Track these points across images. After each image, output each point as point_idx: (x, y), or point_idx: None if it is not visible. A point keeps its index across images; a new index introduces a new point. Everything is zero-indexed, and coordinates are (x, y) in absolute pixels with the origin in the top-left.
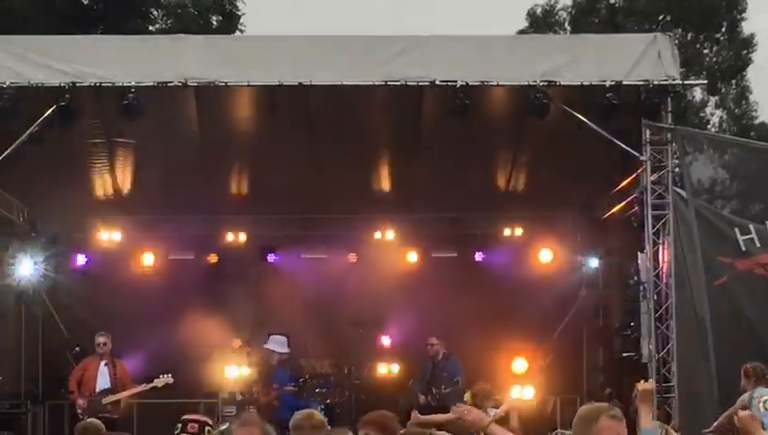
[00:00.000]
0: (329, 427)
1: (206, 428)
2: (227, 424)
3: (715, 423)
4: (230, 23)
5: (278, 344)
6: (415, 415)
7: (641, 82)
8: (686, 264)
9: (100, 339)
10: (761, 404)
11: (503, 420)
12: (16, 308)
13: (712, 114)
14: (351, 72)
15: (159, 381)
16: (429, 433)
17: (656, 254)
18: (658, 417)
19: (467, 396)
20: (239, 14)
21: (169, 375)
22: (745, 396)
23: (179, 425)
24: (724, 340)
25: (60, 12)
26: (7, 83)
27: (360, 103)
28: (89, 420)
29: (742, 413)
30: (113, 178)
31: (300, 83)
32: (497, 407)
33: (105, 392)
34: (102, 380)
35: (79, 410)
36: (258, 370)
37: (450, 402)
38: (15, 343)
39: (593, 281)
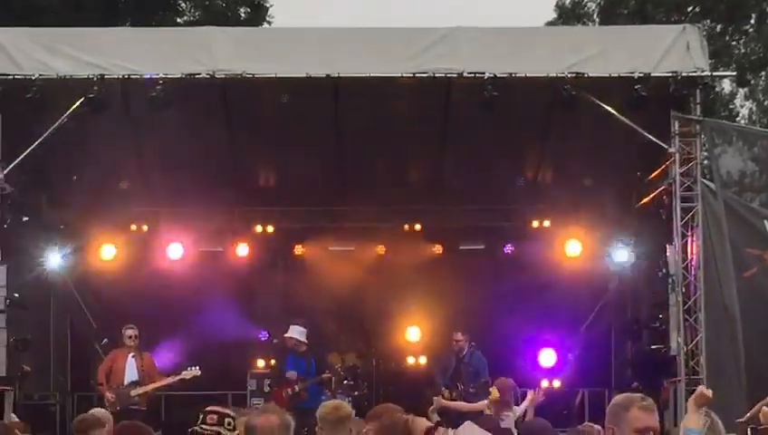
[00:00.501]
0: (356, 418)
1: (227, 419)
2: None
3: (749, 414)
4: (258, 15)
5: (299, 334)
6: (439, 399)
7: (670, 74)
8: (714, 256)
9: (130, 332)
10: None
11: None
12: (45, 300)
13: (741, 106)
14: (379, 63)
15: (187, 374)
16: (406, 419)
17: (684, 246)
18: (686, 410)
19: (493, 392)
20: (267, 5)
21: (197, 368)
22: None
23: (200, 416)
24: (754, 332)
25: (89, 5)
26: (36, 75)
27: (388, 95)
28: (89, 412)
29: (766, 409)
30: (141, 170)
31: (327, 75)
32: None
33: (133, 384)
34: (130, 372)
35: (107, 402)
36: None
37: (476, 400)
38: (44, 334)
39: (621, 273)
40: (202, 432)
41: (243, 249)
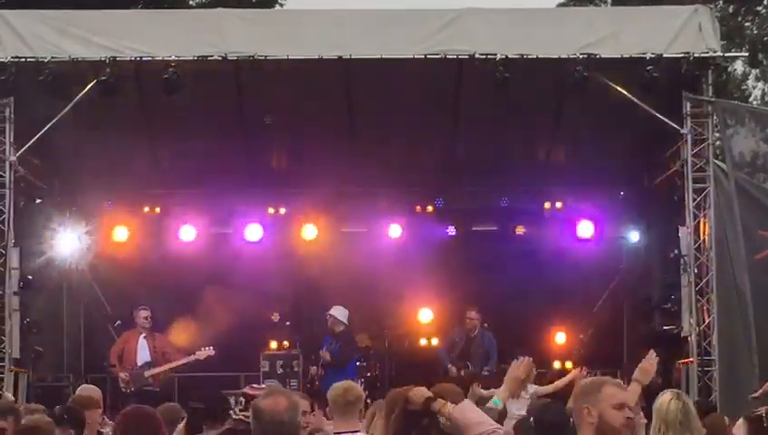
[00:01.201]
0: (368, 401)
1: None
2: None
3: (761, 390)
4: None
5: (341, 314)
6: (474, 387)
7: (682, 55)
8: (726, 237)
9: (144, 313)
10: None
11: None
12: (58, 282)
13: (754, 87)
14: (391, 45)
15: (201, 354)
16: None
17: (696, 227)
18: (699, 390)
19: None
20: None
21: (211, 348)
22: None
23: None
24: (765, 312)
25: None
26: (48, 58)
27: (400, 77)
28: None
29: None
30: (154, 151)
31: (340, 57)
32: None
33: (146, 365)
34: (143, 353)
35: (122, 384)
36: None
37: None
38: (58, 316)
39: (634, 254)
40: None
41: (255, 231)
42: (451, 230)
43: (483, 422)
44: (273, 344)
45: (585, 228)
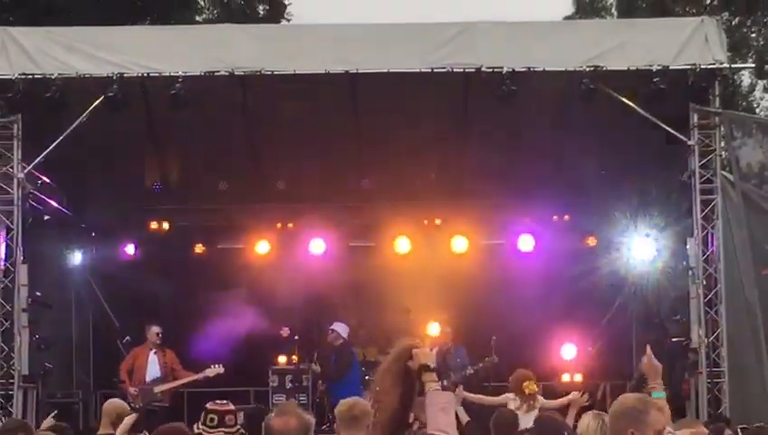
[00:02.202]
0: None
1: (227, 416)
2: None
3: None
4: (276, 12)
5: (342, 329)
6: (460, 390)
7: (688, 67)
8: (734, 248)
9: (156, 329)
10: None
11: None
12: (67, 299)
13: (761, 98)
14: (397, 59)
15: (211, 371)
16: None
17: (705, 239)
18: (709, 402)
19: (530, 385)
20: (286, 2)
21: (220, 365)
22: None
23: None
24: None
25: (107, 4)
26: (56, 75)
27: (406, 91)
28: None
29: None
30: (161, 168)
31: (346, 71)
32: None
33: (156, 381)
34: (152, 369)
35: (131, 399)
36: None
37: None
38: (67, 333)
39: (642, 266)
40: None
41: (263, 246)
42: (459, 243)
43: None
44: (282, 359)
45: (592, 240)
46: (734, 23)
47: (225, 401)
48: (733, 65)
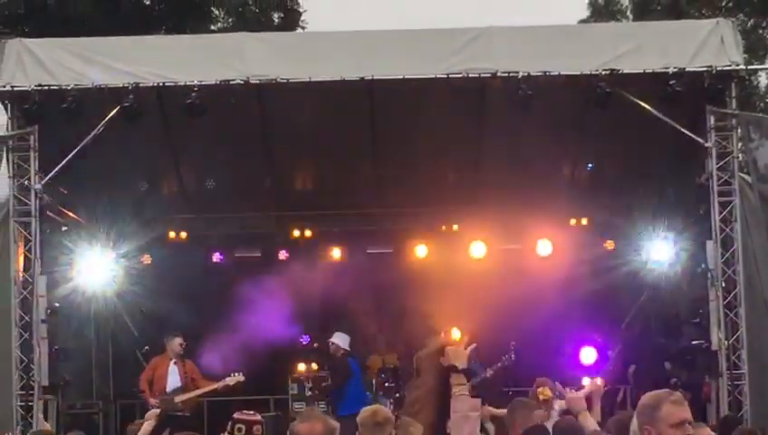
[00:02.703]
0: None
1: (255, 427)
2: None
3: None
4: (291, 20)
5: (342, 340)
6: (486, 408)
7: (704, 69)
8: (753, 250)
9: (179, 339)
10: None
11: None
12: (85, 309)
13: None
14: (413, 65)
15: (231, 380)
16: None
17: (723, 241)
18: (729, 404)
19: (544, 391)
20: (300, 10)
21: (241, 374)
22: None
23: (229, 424)
24: None
25: (122, 13)
26: (71, 85)
27: (422, 97)
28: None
29: None
30: (178, 177)
31: (362, 78)
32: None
33: (177, 391)
34: (173, 378)
35: (152, 409)
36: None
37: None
38: (86, 343)
39: (661, 269)
40: None
41: (282, 254)
42: (477, 249)
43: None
44: (302, 367)
45: (611, 244)
46: (749, 24)
47: (252, 412)
48: (749, 67)
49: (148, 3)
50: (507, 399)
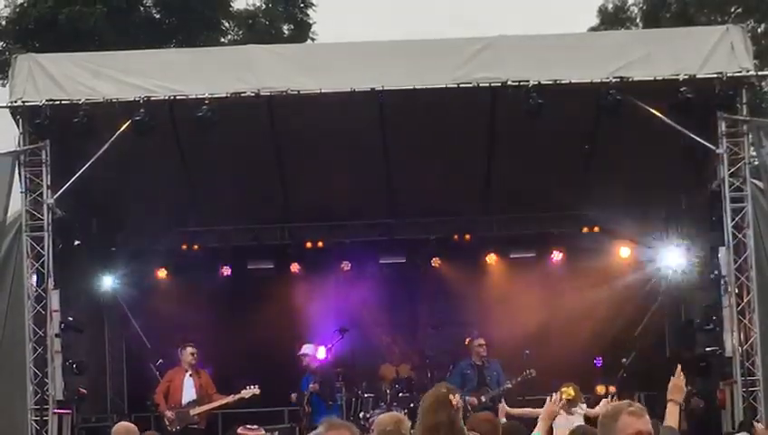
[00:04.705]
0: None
1: None
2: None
3: None
4: (301, 31)
5: (312, 351)
6: (504, 406)
7: (715, 75)
8: (766, 256)
9: (191, 349)
10: None
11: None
12: (99, 323)
13: None
14: (424, 75)
15: (246, 393)
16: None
17: (736, 247)
18: (744, 411)
19: (568, 390)
20: (310, 22)
21: (256, 386)
22: None
23: None
24: None
25: (132, 27)
26: (83, 100)
27: (433, 106)
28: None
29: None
30: (190, 189)
31: (372, 89)
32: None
33: (192, 404)
34: (188, 391)
35: (167, 422)
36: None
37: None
38: (100, 356)
39: (674, 276)
40: None
41: (293, 265)
42: (489, 258)
43: None
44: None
45: (624, 252)
46: (759, 30)
47: (255, 426)
48: (759, 73)
49: (158, 16)
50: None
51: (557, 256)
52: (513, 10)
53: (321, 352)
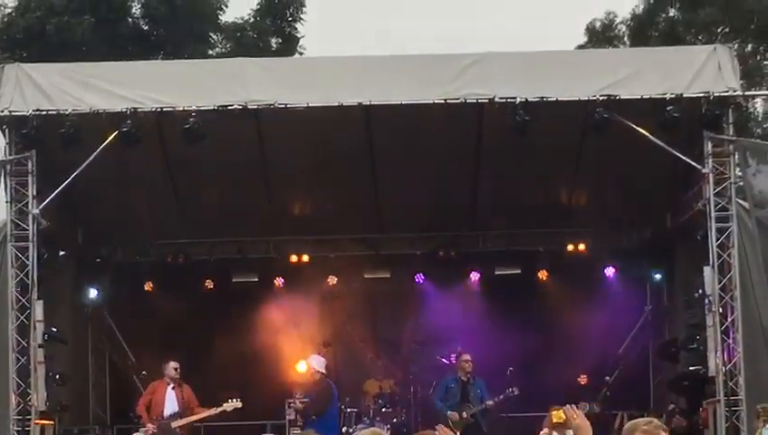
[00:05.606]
0: None
1: None
2: None
3: None
4: (290, 45)
5: (318, 363)
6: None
7: (702, 95)
8: (750, 276)
9: (174, 364)
10: None
11: None
12: (83, 334)
13: None
14: (411, 91)
15: (228, 406)
16: None
17: (720, 267)
18: (727, 431)
19: (558, 413)
20: (298, 36)
21: (238, 400)
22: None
23: None
24: None
25: (120, 39)
26: (70, 110)
27: (420, 122)
28: None
29: None
30: (176, 202)
31: (359, 104)
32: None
33: (174, 416)
34: (170, 404)
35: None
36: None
37: (484, 421)
38: (83, 367)
39: (658, 295)
40: None
41: (278, 279)
42: (474, 274)
43: None
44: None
45: (609, 270)
46: (746, 50)
47: None
48: (746, 93)
49: (146, 28)
50: (505, 424)
51: (542, 273)
52: (500, 28)
53: (303, 366)
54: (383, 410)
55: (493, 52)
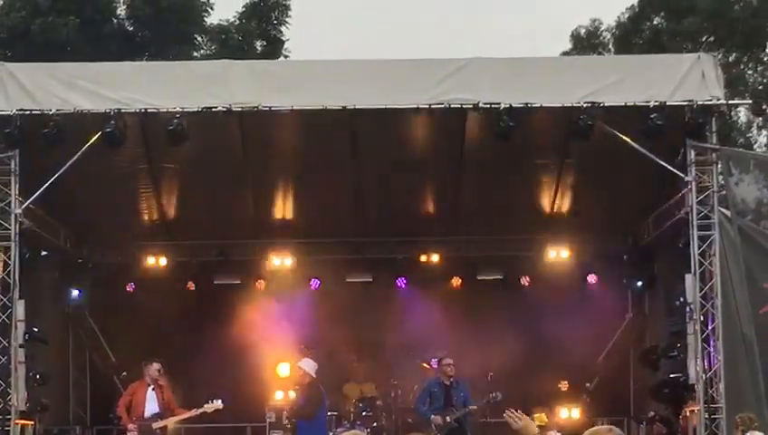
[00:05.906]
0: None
1: None
2: None
3: None
4: (274, 48)
5: (309, 367)
6: None
7: (685, 103)
8: (732, 284)
9: (157, 365)
10: None
11: None
12: (64, 334)
13: (759, 134)
14: (395, 95)
15: (209, 407)
16: None
17: (702, 274)
18: None
19: (541, 417)
20: (283, 39)
21: (219, 401)
22: None
23: None
24: None
25: (105, 39)
26: (54, 110)
27: (404, 126)
28: None
29: None
30: (158, 203)
31: (344, 107)
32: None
33: (154, 417)
34: (151, 405)
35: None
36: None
37: (467, 425)
38: (63, 367)
39: (639, 302)
40: None
41: (260, 282)
42: (456, 279)
43: None
44: (280, 395)
45: (591, 277)
46: (730, 59)
47: None
48: (729, 101)
49: (131, 29)
50: (486, 429)
51: (524, 278)
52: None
53: (285, 369)
54: (363, 413)
55: (478, 57)
